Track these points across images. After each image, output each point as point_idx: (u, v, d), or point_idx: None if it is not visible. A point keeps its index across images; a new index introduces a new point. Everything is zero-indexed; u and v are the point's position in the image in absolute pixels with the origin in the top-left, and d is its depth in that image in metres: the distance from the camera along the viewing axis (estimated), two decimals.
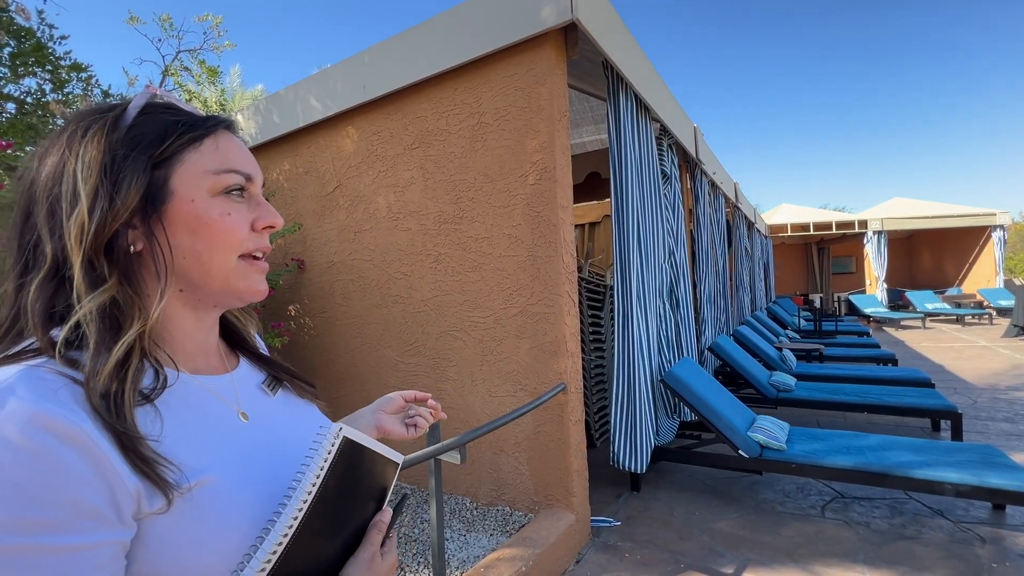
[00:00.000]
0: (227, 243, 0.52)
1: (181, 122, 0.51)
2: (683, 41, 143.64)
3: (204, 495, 0.45)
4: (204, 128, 0.52)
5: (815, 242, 15.30)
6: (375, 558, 0.53)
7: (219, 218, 0.51)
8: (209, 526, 0.44)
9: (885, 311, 11.67)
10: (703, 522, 2.65)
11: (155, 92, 0.53)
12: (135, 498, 0.41)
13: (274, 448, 0.54)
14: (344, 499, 0.51)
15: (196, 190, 0.51)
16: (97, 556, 0.38)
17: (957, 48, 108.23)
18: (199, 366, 0.55)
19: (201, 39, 3.90)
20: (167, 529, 0.42)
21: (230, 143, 0.54)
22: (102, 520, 0.39)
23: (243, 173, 0.54)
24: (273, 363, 0.67)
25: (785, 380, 4.29)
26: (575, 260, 2.59)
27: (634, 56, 3.04)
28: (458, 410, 2.81)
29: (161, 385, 0.48)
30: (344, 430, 0.49)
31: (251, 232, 0.54)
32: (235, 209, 0.53)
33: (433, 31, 2.72)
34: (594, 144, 5.54)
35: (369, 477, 0.54)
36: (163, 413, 0.46)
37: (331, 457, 0.47)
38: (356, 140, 3.21)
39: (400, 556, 2.34)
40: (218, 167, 0.52)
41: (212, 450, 0.48)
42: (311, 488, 0.46)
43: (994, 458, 2.57)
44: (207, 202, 0.51)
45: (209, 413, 0.51)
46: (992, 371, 6.04)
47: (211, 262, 0.52)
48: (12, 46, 2.94)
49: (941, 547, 2.31)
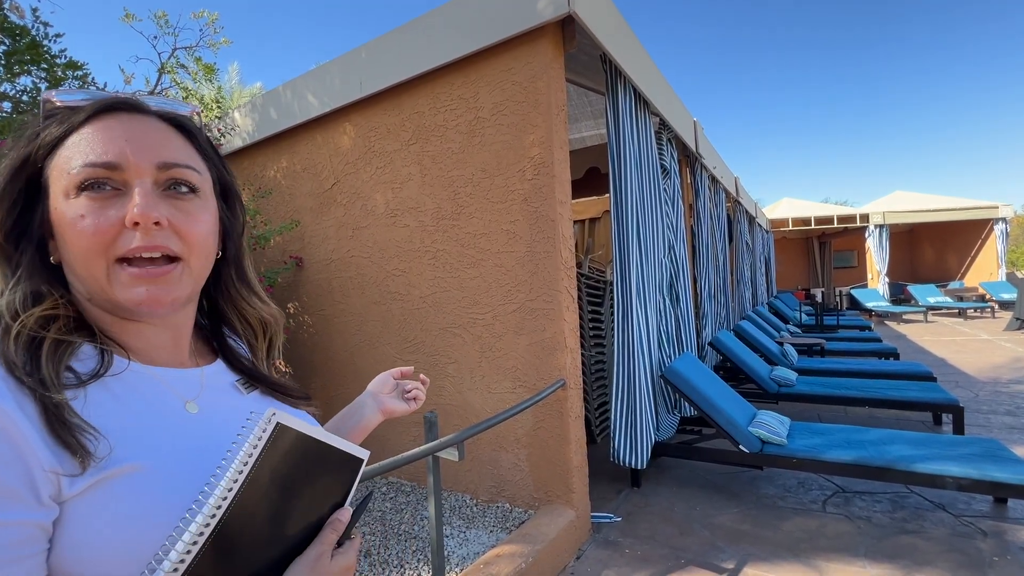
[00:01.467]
0: (85, 249, 0.46)
1: (54, 123, 0.49)
2: (683, 35, 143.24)
3: (131, 481, 0.43)
4: (66, 124, 0.48)
5: (816, 236, 15.25)
6: (321, 558, 0.49)
7: (72, 222, 0.46)
8: (133, 513, 0.42)
9: (887, 305, 11.63)
10: (704, 517, 2.64)
11: (48, 99, 0.50)
12: (53, 480, 0.39)
13: (224, 441, 0.50)
14: (286, 495, 0.46)
15: (57, 193, 0.47)
16: (11, 534, 0.37)
17: (959, 41, 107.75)
18: (156, 358, 0.53)
19: (197, 36, 3.87)
20: (90, 512, 0.41)
21: (100, 130, 0.48)
22: (17, 499, 0.37)
23: (99, 163, 0.46)
24: (253, 373, 0.63)
25: (786, 375, 4.28)
26: (574, 256, 2.58)
27: (632, 49, 3.01)
28: (457, 407, 2.81)
29: (104, 370, 0.47)
30: (277, 415, 0.44)
31: (126, 230, 0.47)
32: (93, 209, 0.46)
33: (430, 26, 2.70)
34: (593, 139, 5.51)
35: (320, 472, 0.50)
36: (102, 396, 0.46)
37: (261, 445, 0.43)
38: (353, 136, 3.19)
39: (399, 553, 2.34)
40: (75, 163, 0.47)
41: (148, 438, 0.46)
42: (235, 480, 0.42)
43: (996, 452, 2.55)
44: (64, 205, 0.47)
45: (154, 402, 0.50)
46: (994, 365, 6.02)
47: (81, 271, 0.48)
48: (7, 44, 2.92)
49: (943, 541, 2.31)
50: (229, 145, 3.87)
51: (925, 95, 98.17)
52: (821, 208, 13.28)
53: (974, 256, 13.40)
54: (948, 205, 12.31)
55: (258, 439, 0.43)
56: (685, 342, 3.93)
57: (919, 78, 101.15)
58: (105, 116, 0.49)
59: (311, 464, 0.48)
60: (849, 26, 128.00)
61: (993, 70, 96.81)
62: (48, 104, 0.50)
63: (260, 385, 0.62)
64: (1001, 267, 12.39)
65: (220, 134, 3.76)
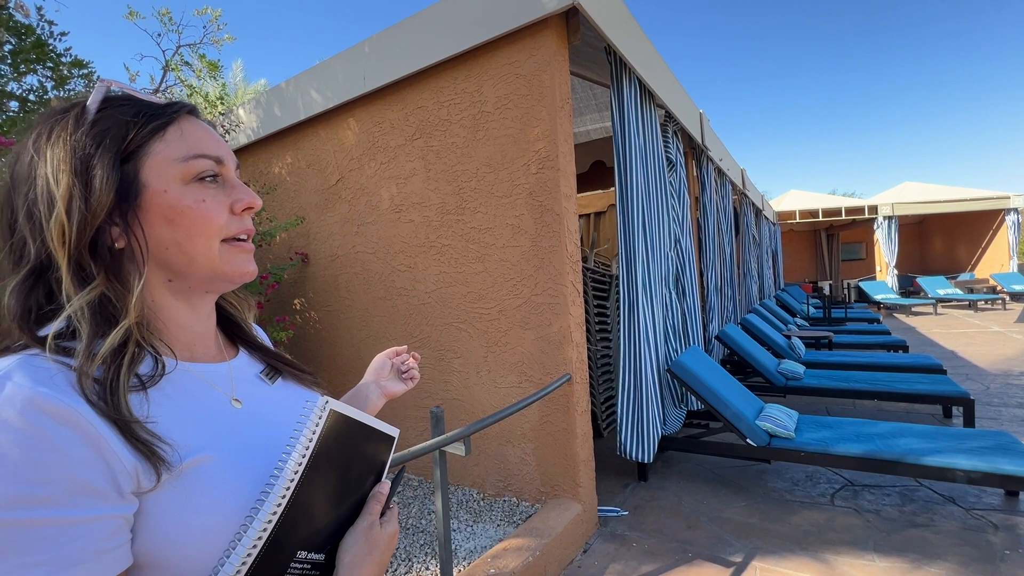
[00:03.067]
0: (206, 230, 0.52)
1: (142, 113, 0.50)
2: (689, 26, 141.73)
3: (199, 473, 0.46)
4: (166, 116, 0.52)
5: (824, 228, 15.11)
6: (373, 527, 0.55)
7: (194, 206, 0.51)
8: (204, 503, 0.46)
9: (896, 297, 11.52)
10: (711, 511, 2.64)
11: (111, 85, 0.51)
12: (133, 475, 0.42)
13: (268, 434, 0.55)
14: (338, 473, 0.51)
15: (167, 180, 0.50)
16: (98, 529, 0.40)
17: (968, 29, 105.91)
18: (196, 354, 0.56)
19: (201, 33, 3.88)
20: (165, 506, 0.44)
21: (195, 128, 0.54)
22: (101, 495, 0.40)
23: (212, 157, 0.53)
24: (271, 352, 0.68)
25: (794, 368, 4.25)
26: (580, 250, 2.57)
27: (637, 41, 2.98)
28: (463, 401, 2.81)
29: (160, 373, 0.49)
30: (330, 403, 0.49)
31: (231, 216, 0.54)
32: (210, 195, 0.52)
33: (433, 19, 2.68)
34: (598, 132, 5.48)
35: (363, 450, 0.55)
36: (158, 398, 0.48)
37: (318, 430, 0.47)
38: (357, 132, 3.19)
39: (407, 547, 2.35)
40: (186, 154, 0.51)
41: (206, 433, 0.49)
42: (300, 463, 0.46)
43: (1007, 444, 2.53)
44: (180, 191, 0.51)
45: (203, 399, 0.52)
46: (1005, 357, 5.95)
47: (193, 250, 0.52)
48: (12, 43, 2.94)
49: (953, 534, 2.29)
50: (234, 142, 3.88)
51: (935, 83, 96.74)
52: (828, 200, 13.14)
53: (985, 247, 13.23)
54: (958, 196, 12.12)
55: (315, 425, 0.48)
56: (691, 336, 3.91)
57: (929, 65, 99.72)
58: (191, 117, 0.54)
59: (357, 444, 0.54)
60: (858, 13, 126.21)
61: (1005, 58, 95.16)
62: (111, 91, 0.51)
63: (281, 370, 0.67)
64: (1012, 258, 12.21)
65: (225, 131, 3.76)
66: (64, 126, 0.48)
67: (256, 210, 0.57)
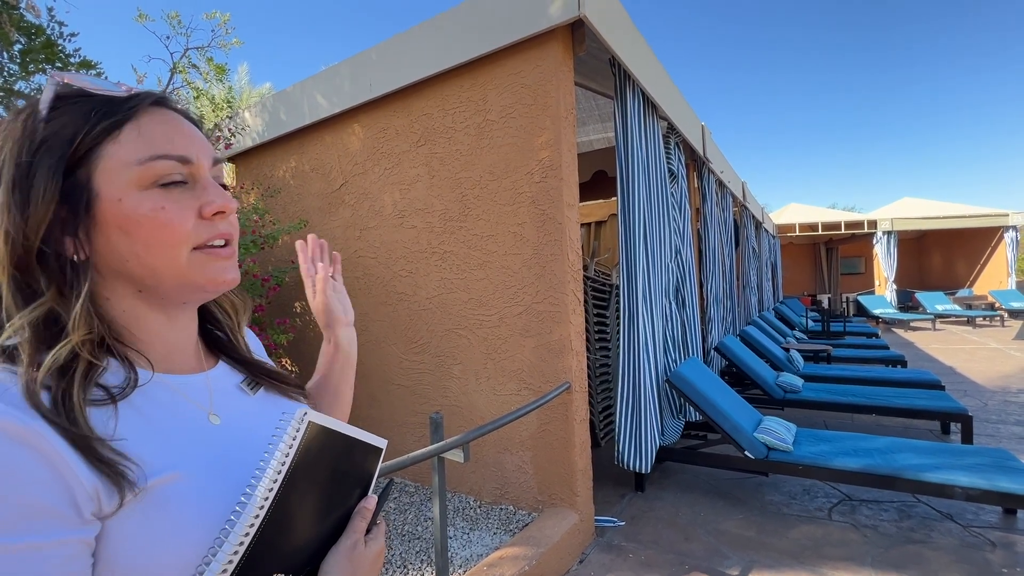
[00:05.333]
0: (167, 239, 0.47)
1: (95, 111, 0.45)
2: (691, 39, 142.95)
3: (168, 493, 0.43)
4: (121, 114, 0.46)
5: (823, 242, 15.16)
6: (357, 546, 0.52)
7: (152, 214, 0.46)
8: (172, 524, 0.43)
9: (894, 312, 11.54)
10: (708, 523, 2.63)
11: (63, 80, 0.46)
12: (94, 496, 0.39)
13: (246, 448, 0.51)
14: (319, 489, 0.48)
15: (121, 187, 0.45)
16: (55, 555, 0.37)
17: (968, 46, 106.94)
18: (173, 365, 0.53)
19: (209, 36, 3.91)
20: (129, 527, 0.41)
21: (157, 124, 0.48)
22: (61, 518, 0.38)
23: (175, 157, 0.47)
24: (253, 366, 0.63)
25: (792, 381, 4.25)
26: (581, 258, 2.58)
27: (642, 54, 3.01)
28: (462, 408, 2.81)
29: (132, 385, 0.46)
30: (309, 414, 0.46)
31: (200, 220, 0.49)
32: (172, 200, 0.47)
33: (440, 28, 2.71)
34: (601, 142, 5.51)
35: (347, 463, 0.52)
36: (127, 412, 0.45)
37: (296, 444, 0.44)
38: (362, 137, 3.21)
39: (403, 554, 2.34)
40: (143, 156, 0.46)
41: (178, 449, 0.47)
42: (275, 480, 0.43)
43: (1005, 462, 2.53)
44: (136, 198, 0.45)
45: (176, 413, 0.49)
46: (1003, 374, 5.96)
47: (155, 262, 0.47)
48: (22, 43, 2.96)
49: (951, 551, 2.28)
50: (239, 144, 3.90)
51: (936, 100, 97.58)
52: (828, 214, 13.20)
53: (983, 264, 13.28)
54: (957, 212, 12.19)
55: (292, 438, 0.45)
56: (691, 347, 3.91)
57: (930, 83, 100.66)
58: (157, 110, 0.49)
59: (339, 457, 0.50)
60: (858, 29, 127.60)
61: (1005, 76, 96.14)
62: (63, 87, 0.46)
63: (263, 381, 0.62)
64: (1011, 275, 12.27)
65: (231, 133, 3.79)
66: (12, 131, 0.45)
67: (229, 214, 0.51)
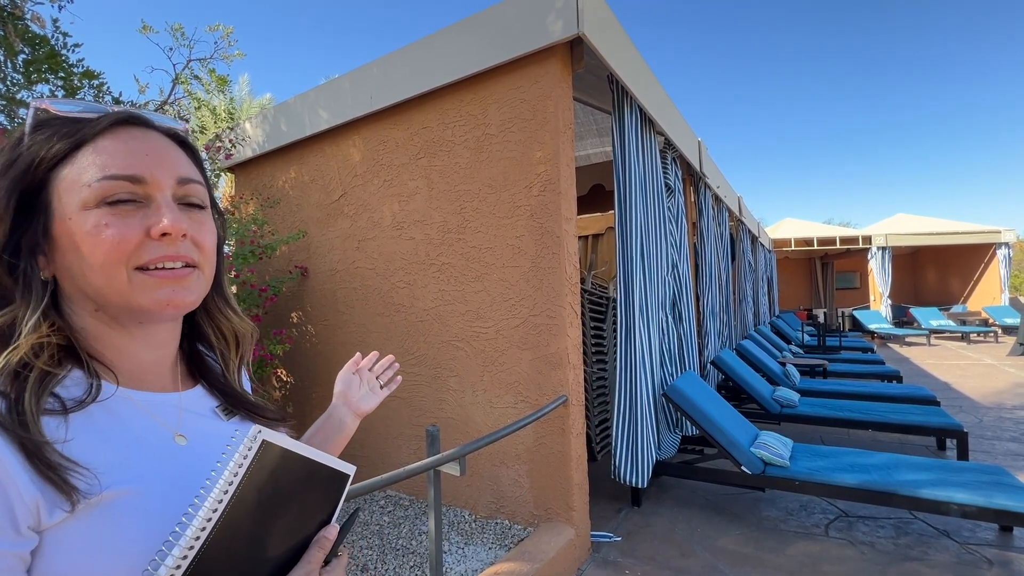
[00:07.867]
0: (106, 258, 0.47)
1: (57, 135, 0.48)
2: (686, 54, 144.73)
3: (120, 506, 0.43)
4: (78, 136, 0.48)
5: (819, 257, 15.26)
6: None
7: (94, 231, 0.46)
8: (120, 539, 0.42)
9: (889, 327, 11.58)
10: (705, 539, 2.61)
11: (41, 106, 0.49)
12: (33, 510, 0.39)
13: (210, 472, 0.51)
14: (275, 510, 0.46)
15: (71, 206, 0.47)
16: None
17: (962, 63, 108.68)
18: (143, 383, 0.53)
19: (212, 48, 3.95)
20: (74, 539, 0.41)
21: (118, 143, 0.49)
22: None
23: (125, 176, 0.48)
24: (232, 395, 0.63)
25: (789, 395, 4.25)
26: (578, 272, 2.59)
27: (639, 70, 3.06)
28: (458, 421, 2.80)
29: (91, 398, 0.46)
30: (263, 433, 0.44)
31: (148, 240, 0.48)
32: (116, 219, 0.47)
33: (441, 43, 2.75)
34: (598, 156, 5.56)
35: (307, 489, 0.49)
36: (84, 423, 0.45)
37: (246, 464, 0.43)
38: (362, 149, 3.23)
39: (397, 568, 2.31)
40: (94, 176, 0.47)
41: (136, 465, 0.46)
42: (220, 500, 0.41)
43: (1002, 479, 2.53)
44: (81, 217, 0.47)
45: (137, 431, 0.49)
46: (998, 390, 5.97)
47: (96, 280, 0.48)
48: (26, 53, 2.98)
49: (947, 568, 2.27)
50: (239, 155, 3.92)
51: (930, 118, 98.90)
52: (824, 229, 13.31)
53: (977, 280, 13.38)
54: (951, 228, 12.33)
55: (244, 457, 0.43)
56: (687, 360, 3.92)
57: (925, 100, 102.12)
58: (120, 129, 0.50)
59: (297, 481, 0.48)
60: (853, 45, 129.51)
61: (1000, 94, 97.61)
62: (42, 113, 0.49)
63: (240, 410, 0.62)
64: (1004, 291, 12.36)
65: (231, 144, 3.81)
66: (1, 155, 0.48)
67: (176, 236, 0.50)
